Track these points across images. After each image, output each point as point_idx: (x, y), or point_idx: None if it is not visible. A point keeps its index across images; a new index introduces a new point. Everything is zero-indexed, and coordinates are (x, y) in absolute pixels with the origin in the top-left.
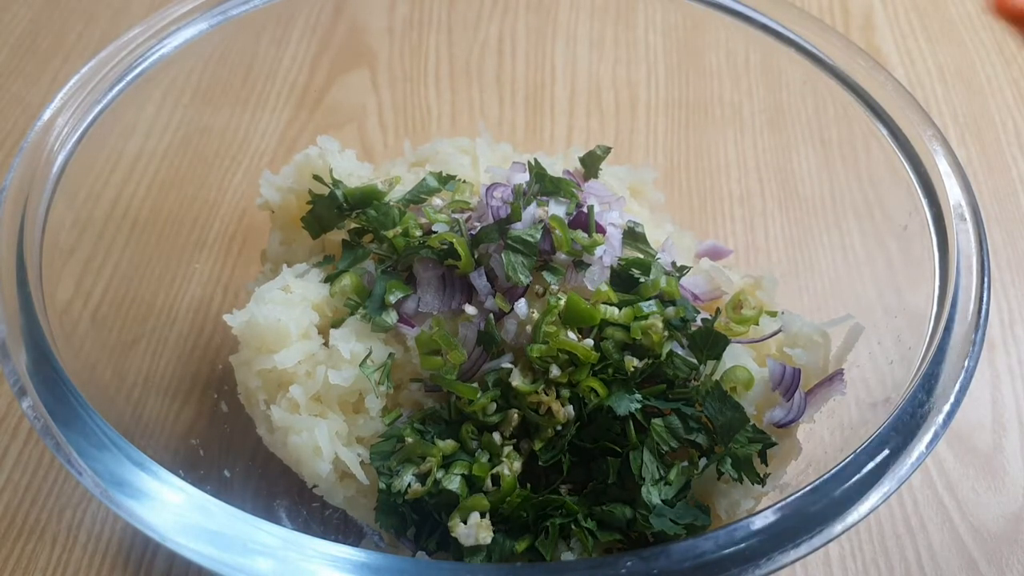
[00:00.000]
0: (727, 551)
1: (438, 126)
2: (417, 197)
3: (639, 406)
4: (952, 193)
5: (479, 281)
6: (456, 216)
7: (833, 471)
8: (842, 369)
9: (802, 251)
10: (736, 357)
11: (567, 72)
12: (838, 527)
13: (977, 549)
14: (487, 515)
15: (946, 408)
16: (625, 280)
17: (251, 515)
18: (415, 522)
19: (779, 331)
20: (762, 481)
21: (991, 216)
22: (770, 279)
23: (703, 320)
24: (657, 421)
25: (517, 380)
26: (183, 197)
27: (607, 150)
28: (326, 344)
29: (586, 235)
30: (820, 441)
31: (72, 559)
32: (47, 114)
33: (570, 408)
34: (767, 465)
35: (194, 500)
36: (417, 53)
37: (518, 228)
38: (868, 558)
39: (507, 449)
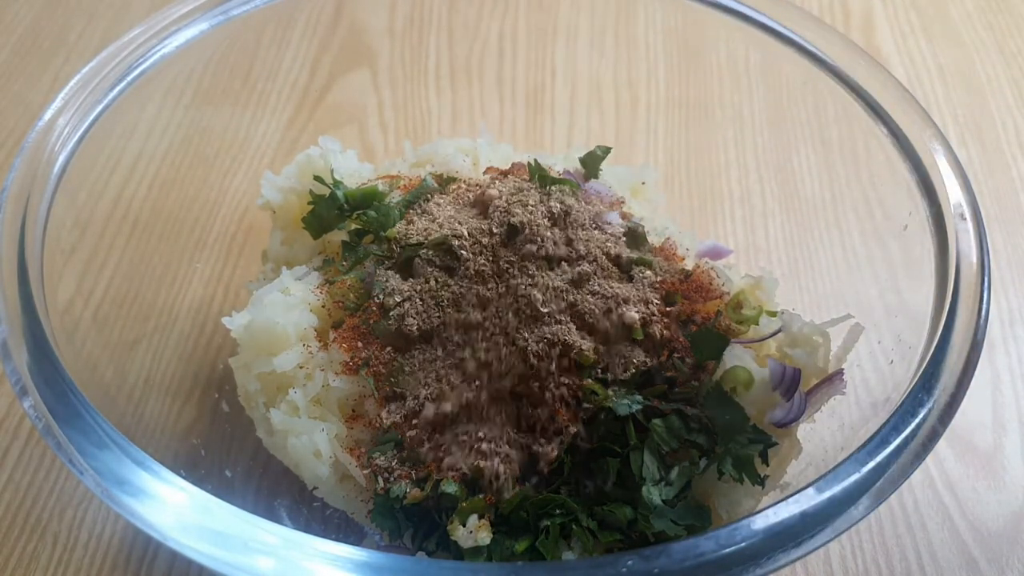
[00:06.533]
0: (728, 550)
1: (439, 126)
2: (417, 198)
3: (639, 407)
4: (952, 193)
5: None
6: None
7: (833, 471)
8: (842, 369)
9: (802, 251)
10: (736, 357)
11: (567, 72)
12: (838, 527)
13: (977, 548)
14: (486, 516)
15: (946, 407)
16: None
17: (252, 514)
18: (414, 524)
19: (779, 331)
20: (762, 481)
21: (991, 216)
22: (770, 279)
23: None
24: (657, 421)
25: None
26: (184, 197)
27: (607, 150)
28: (325, 347)
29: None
30: (820, 441)
31: (73, 558)
32: (48, 114)
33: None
34: (768, 465)
35: (195, 499)
36: (417, 53)
37: None
38: (868, 558)
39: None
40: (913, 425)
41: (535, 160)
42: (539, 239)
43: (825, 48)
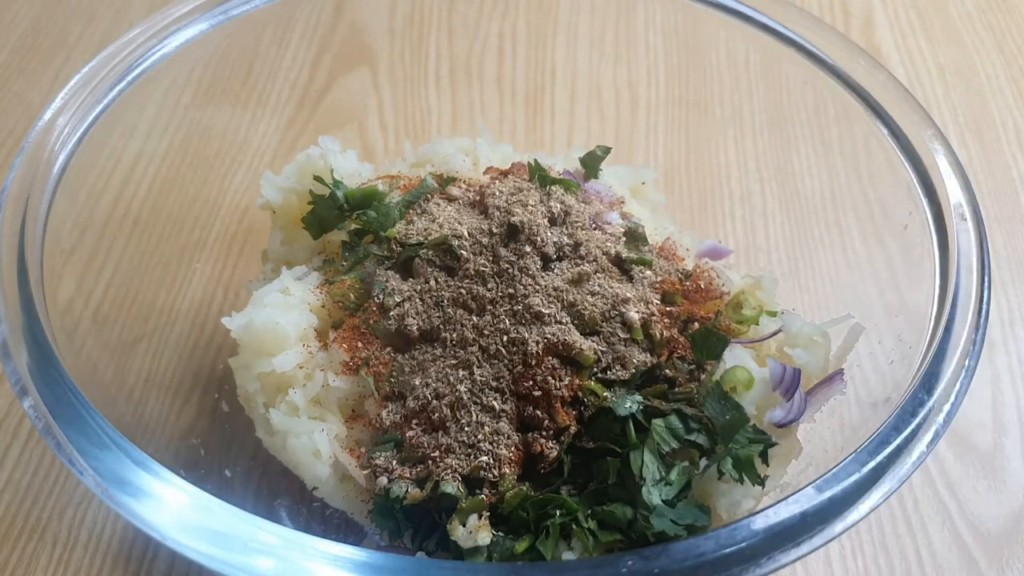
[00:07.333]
0: (728, 550)
1: (438, 126)
2: (417, 198)
3: (639, 407)
4: (952, 193)
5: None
6: None
7: (833, 471)
8: (842, 369)
9: (802, 251)
10: (736, 357)
11: (567, 72)
12: (838, 527)
13: (977, 548)
14: (486, 516)
15: (946, 408)
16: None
17: (252, 514)
18: (414, 524)
19: (779, 331)
20: (762, 481)
21: (991, 216)
22: (770, 279)
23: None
24: (658, 421)
25: None
26: (184, 197)
27: (607, 150)
28: (325, 347)
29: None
30: (820, 441)
31: (73, 558)
32: (48, 114)
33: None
34: (768, 465)
35: (195, 499)
36: (417, 53)
37: None
38: (868, 558)
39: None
40: (913, 425)
41: (535, 160)
42: (539, 239)
43: (825, 48)
